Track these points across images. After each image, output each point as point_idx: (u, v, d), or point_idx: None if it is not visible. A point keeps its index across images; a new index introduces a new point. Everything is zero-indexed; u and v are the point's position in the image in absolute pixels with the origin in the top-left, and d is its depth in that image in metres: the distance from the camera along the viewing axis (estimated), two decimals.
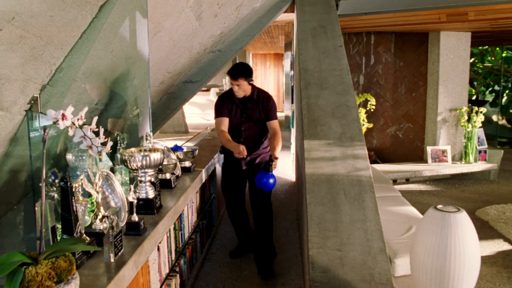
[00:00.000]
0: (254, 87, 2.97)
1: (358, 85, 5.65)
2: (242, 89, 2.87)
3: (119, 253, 1.48)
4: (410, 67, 5.55)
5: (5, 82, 1.92)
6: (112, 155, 2.27)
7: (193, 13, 3.10)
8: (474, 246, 1.73)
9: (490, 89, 9.55)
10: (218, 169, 3.60)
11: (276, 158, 2.75)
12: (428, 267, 1.76)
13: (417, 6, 4.01)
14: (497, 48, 9.19)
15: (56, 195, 1.60)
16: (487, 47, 9.19)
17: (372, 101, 4.99)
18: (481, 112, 5.14)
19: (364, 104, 5.33)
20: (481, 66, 9.82)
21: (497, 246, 3.27)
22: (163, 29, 2.93)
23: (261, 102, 2.96)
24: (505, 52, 9.40)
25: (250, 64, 13.73)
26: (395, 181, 5.11)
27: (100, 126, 1.35)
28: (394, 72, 5.59)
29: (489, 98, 9.48)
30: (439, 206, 1.82)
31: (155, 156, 1.87)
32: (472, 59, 9.94)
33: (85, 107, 1.35)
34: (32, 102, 2.15)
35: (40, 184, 1.51)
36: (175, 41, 3.30)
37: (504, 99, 9.10)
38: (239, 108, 2.94)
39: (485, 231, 3.58)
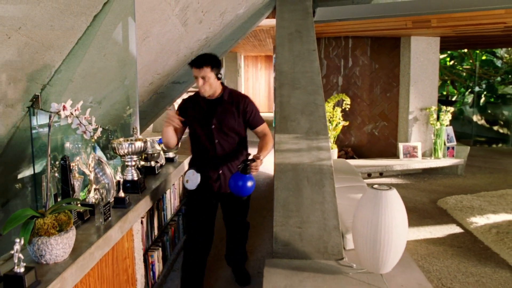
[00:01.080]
0: (225, 87, 2.41)
1: (337, 86, 6.03)
2: (208, 84, 2.26)
3: (108, 219, 1.83)
4: (384, 69, 5.94)
5: (11, 82, 2.26)
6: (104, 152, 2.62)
7: (179, 20, 3.42)
8: (401, 218, 2.09)
9: (469, 90, 9.99)
10: None
11: (258, 158, 2.22)
12: (365, 237, 2.12)
13: (385, 13, 4.39)
14: (477, 51, 9.61)
15: (56, 174, 1.95)
16: (466, 50, 9.62)
17: (347, 100, 5.37)
18: (448, 111, 5.54)
19: (341, 103, 5.72)
20: (460, 68, 10.25)
21: (449, 229, 3.65)
22: (151, 35, 3.24)
23: (235, 104, 2.37)
24: (484, 55, 9.84)
25: (242, 65, 14.04)
26: (369, 175, 5.49)
27: (92, 116, 1.71)
28: (370, 74, 5.98)
29: (469, 99, 9.92)
30: (375, 186, 2.18)
31: (139, 144, 2.22)
32: (452, 61, 10.38)
33: (80, 101, 1.70)
34: (34, 100, 2.49)
35: (45, 164, 1.85)
36: (163, 45, 3.62)
37: (482, 100, 9.54)
38: (207, 114, 2.34)
39: (442, 217, 3.97)
